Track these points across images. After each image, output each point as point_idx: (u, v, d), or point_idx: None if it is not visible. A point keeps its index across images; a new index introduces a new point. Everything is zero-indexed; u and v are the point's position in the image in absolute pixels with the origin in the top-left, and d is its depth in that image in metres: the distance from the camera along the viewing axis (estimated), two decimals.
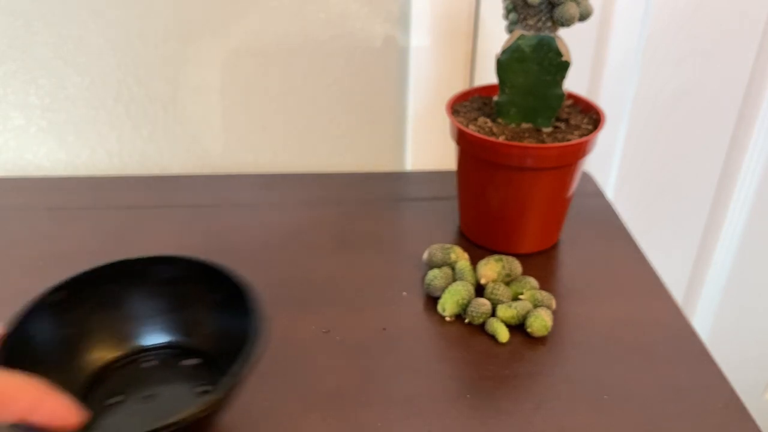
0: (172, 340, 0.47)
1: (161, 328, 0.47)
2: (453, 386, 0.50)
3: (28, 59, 0.73)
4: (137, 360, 0.46)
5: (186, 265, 0.46)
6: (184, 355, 0.47)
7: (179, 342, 0.47)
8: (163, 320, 0.47)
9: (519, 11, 0.58)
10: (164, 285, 0.47)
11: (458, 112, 0.64)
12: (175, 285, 0.47)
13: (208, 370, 0.46)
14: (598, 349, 0.54)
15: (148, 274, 0.46)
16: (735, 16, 0.83)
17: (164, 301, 0.47)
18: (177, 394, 0.44)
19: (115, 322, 0.46)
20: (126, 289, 0.46)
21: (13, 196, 0.72)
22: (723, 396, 0.50)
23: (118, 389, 0.45)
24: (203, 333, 0.47)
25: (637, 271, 0.63)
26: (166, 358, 0.47)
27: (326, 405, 0.48)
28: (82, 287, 0.45)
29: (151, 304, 0.47)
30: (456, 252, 0.60)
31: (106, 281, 0.46)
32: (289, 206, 0.71)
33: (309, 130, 0.82)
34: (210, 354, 0.46)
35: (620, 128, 0.89)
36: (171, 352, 0.47)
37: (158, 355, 0.47)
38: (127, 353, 0.46)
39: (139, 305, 0.47)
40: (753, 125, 0.91)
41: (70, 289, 0.44)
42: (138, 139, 0.79)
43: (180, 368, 0.46)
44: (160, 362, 0.46)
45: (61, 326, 0.44)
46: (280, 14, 0.74)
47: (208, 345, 0.46)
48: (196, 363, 0.46)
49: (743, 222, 0.98)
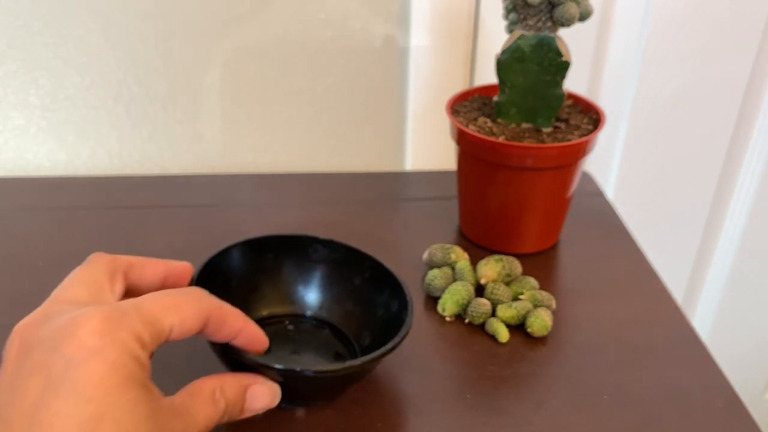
0: (315, 312, 0.54)
1: (306, 299, 0.54)
2: (453, 386, 0.50)
3: (28, 59, 0.73)
4: (282, 322, 0.53)
5: (336, 247, 0.53)
6: (322, 325, 0.53)
7: (320, 314, 0.53)
8: (309, 292, 0.54)
9: (519, 11, 0.58)
10: (316, 262, 0.53)
11: (458, 112, 0.64)
12: (325, 263, 0.53)
13: (342, 343, 0.52)
14: (598, 349, 0.54)
15: (304, 251, 0.53)
16: (735, 16, 0.83)
17: (314, 276, 0.54)
18: (316, 356, 0.51)
19: (270, 286, 0.53)
20: (282, 259, 0.53)
21: (13, 196, 0.72)
22: (723, 396, 0.50)
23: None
24: (343, 310, 0.53)
25: (637, 271, 0.63)
26: (308, 324, 0.53)
27: (326, 404, 0.48)
28: (247, 250, 0.52)
29: (301, 277, 0.54)
30: (456, 252, 0.60)
31: (268, 250, 0.53)
32: (289, 206, 0.71)
33: (309, 130, 0.82)
34: (343, 331, 0.52)
35: (620, 128, 0.89)
36: (312, 321, 0.53)
37: (303, 320, 0.53)
38: (276, 314, 0.53)
39: (291, 276, 0.54)
40: (753, 125, 0.91)
41: (240, 249, 0.51)
42: (138, 139, 0.79)
43: (318, 336, 0.52)
44: (303, 327, 0.53)
45: (231, 277, 0.51)
46: (280, 14, 0.74)
47: (346, 322, 0.53)
48: (332, 334, 0.53)
49: (743, 222, 0.98)
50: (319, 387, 0.46)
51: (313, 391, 0.47)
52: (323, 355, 0.51)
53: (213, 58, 0.76)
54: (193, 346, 0.53)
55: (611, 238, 0.67)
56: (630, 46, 0.83)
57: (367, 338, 0.50)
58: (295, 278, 0.54)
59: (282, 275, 0.53)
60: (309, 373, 0.41)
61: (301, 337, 0.52)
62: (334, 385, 0.46)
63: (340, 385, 0.47)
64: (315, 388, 0.46)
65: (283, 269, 0.53)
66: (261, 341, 0.41)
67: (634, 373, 0.51)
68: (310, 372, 0.41)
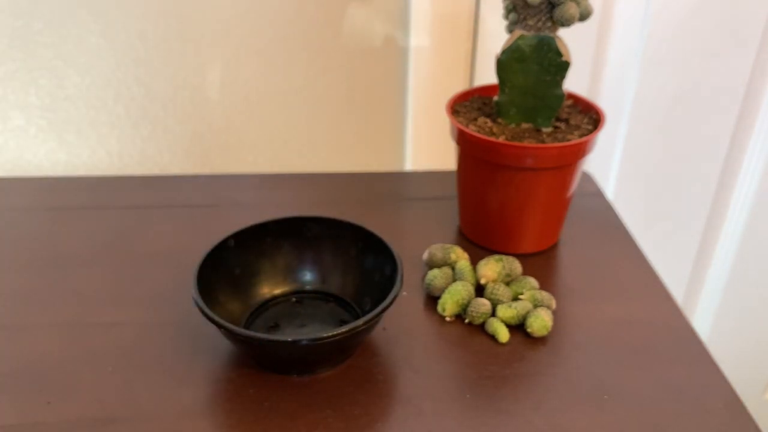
0: (316, 286, 0.57)
1: (306, 275, 0.57)
2: (453, 386, 0.50)
3: (28, 59, 0.73)
4: (288, 299, 0.57)
5: (331, 223, 0.56)
6: (325, 298, 0.57)
7: (322, 288, 0.57)
8: (309, 268, 0.58)
9: (519, 11, 0.58)
10: (311, 240, 0.57)
11: (458, 112, 0.64)
12: (320, 240, 0.57)
13: (345, 311, 0.56)
14: (598, 349, 0.54)
15: (299, 231, 0.57)
16: (735, 16, 0.83)
17: (311, 253, 0.57)
18: (322, 325, 0.54)
19: (271, 268, 0.57)
20: (280, 241, 0.57)
21: (13, 196, 0.72)
22: (723, 396, 0.50)
23: (275, 318, 0.55)
24: (342, 280, 0.57)
25: (637, 271, 0.63)
26: (311, 299, 0.57)
27: (326, 404, 0.48)
28: (246, 238, 0.55)
29: (300, 255, 0.57)
30: (456, 252, 0.60)
31: (266, 235, 0.56)
32: (289, 206, 0.71)
33: (309, 130, 0.82)
34: (346, 299, 0.56)
35: (620, 128, 0.89)
36: (315, 296, 0.57)
37: (305, 296, 0.57)
38: (281, 293, 0.57)
39: (290, 255, 0.57)
40: (753, 125, 0.91)
41: (236, 239, 0.55)
42: (138, 139, 0.79)
43: (322, 308, 0.56)
44: (307, 302, 0.57)
45: (234, 266, 0.55)
46: (280, 14, 0.74)
47: (347, 291, 0.56)
48: (335, 305, 0.56)
49: (743, 222, 0.98)
50: (324, 351, 0.49)
51: (321, 356, 0.49)
52: (329, 325, 0.54)
53: (213, 58, 0.76)
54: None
55: (611, 238, 0.67)
56: (630, 46, 0.83)
57: (368, 303, 0.54)
58: (294, 257, 0.57)
59: (282, 256, 0.57)
60: (305, 341, 0.45)
61: (306, 311, 0.56)
62: (337, 349, 0.49)
63: (343, 349, 0.50)
64: (321, 353, 0.49)
65: (281, 251, 0.57)
66: None
67: (634, 373, 0.51)
68: (306, 340, 0.45)
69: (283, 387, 0.49)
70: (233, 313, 0.53)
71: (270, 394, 0.49)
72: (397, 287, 0.49)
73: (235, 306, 0.54)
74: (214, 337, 0.54)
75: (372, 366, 0.52)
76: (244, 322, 0.54)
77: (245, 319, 0.54)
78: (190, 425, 0.46)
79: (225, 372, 0.51)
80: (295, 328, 0.54)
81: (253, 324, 0.54)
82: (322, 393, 0.49)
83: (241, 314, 0.54)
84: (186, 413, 0.47)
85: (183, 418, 0.47)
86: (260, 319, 0.55)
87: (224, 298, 0.53)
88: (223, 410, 0.47)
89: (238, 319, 0.53)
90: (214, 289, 0.52)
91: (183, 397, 0.49)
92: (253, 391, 0.49)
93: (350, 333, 0.46)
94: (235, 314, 0.53)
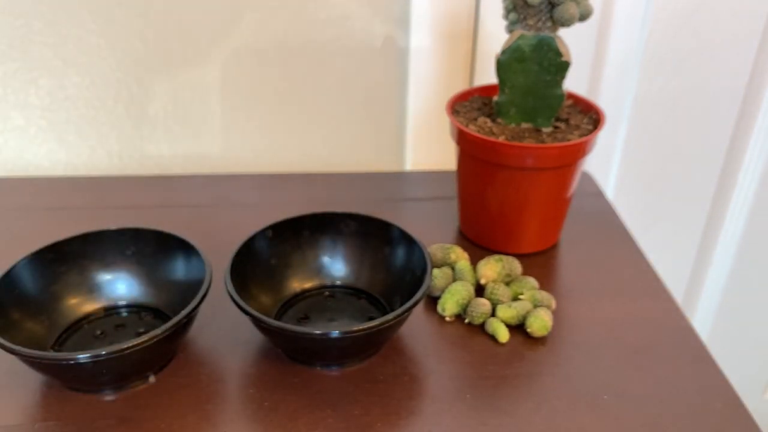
0: (347, 282, 0.58)
1: (339, 270, 0.58)
2: (453, 386, 0.50)
3: (28, 59, 0.73)
4: (321, 293, 0.57)
5: (366, 221, 0.57)
6: (357, 294, 0.57)
7: (353, 283, 0.58)
8: (342, 264, 0.58)
9: (519, 11, 0.58)
10: (346, 236, 0.58)
11: (458, 112, 0.64)
12: (355, 236, 0.58)
13: (375, 308, 0.56)
14: (598, 349, 0.54)
15: (336, 226, 0.58)
16: (735, 16, 0.83)
17: (346, 248, 0.58)
18: (351, 322, 0.55)
19: (306, 261, 0.58)
20: (317, 235, 0.58)
21: (13, 196, 0.72)
22: (723, 396, 0.50)
23: (306, 311, 0.56)
24: (374, 278, 0.57)
25: (637, 271, 0.63)
26: (341, 294, 0.57)
27: (326, 404, 0.48)
28: (284, 230, 0.57)
29: (334, 250, 0.58)
30: (456, 252, 0.60)
31: (303, 228, 0.57)
32: (289, 206, 0.71)
33: (309, 130, 0.82)
34: (375, 296, 0.57)
35: (620, 128, 0.89)
36: (345, 291, 0.58)
37: (336, 291, 0.58)
38: (312, 287, 0.58)
39: (325, 250, 0.58)
40: (753, 125, 0.91)
41: (275, 230, 0.56)
42: (138, 139, 0.79)
43: (354, 303, 0.57)
44: (337, 297, 0.57)
45: (270, 256, 0.56)
46: (280, 14, 0.74)
47: (376, 288, 0.57)
48: (366, 301, 0.57)
49: (743, 222, 0.98)
50: (349, 346, 0.49)
51: (352, 349, 0.50)
52: (357, 320, 0.55)
53: (213, 58, 0.76)
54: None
55: (611, 238, 0.67)
56: (630, 46, 0.83)
57: (397, 302, 0.54)
58: (330, 252, 0.58)
59: (317, 250, 0.58)
60: (335, 334, 0.45)
61: (337, 306, 0.56)
62: (364, 343, 0.50)
63: (369, 344, 0.50)
64: (345, 348, 0.49)
65: (318, 244, 0.58)
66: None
67: (634, 373, 0.51)
68: (336, 333, 0.45)
69: (283, 387, 0.49)
70: (264, 304, 0.54)
71: (270, 394, 0.49)
72: (423, 290, 0.49)
73: (266, 298, 0.55)
74: (214, 337, 0.54)
75: (372, 366, 0.52)
76: (275, 313, 0.55)
77: (276, 310, 0.55)
78: (191, 425, 0.46)
79: (225, 372, 0.51)
80: (325, 322, 0.55)
81: (285, 315, 0.55)
82: (322, 393, 0.49)
83: (272, 306, 0.55)
84: (186, 413, 0.47)
85: (182, 418, 0.47)
86: (294, 310, 0.56)
87: (256, 290, 0.54)
88: (223, 410, 0.48)
89: (270, 310, 0.54)
90: (247, 280, 0.53)
91: (183, 397, 0.49)
92: (253, 391, 0.49)
93: (374, 329, 0.46)
94: (266, 305, 0.54)
